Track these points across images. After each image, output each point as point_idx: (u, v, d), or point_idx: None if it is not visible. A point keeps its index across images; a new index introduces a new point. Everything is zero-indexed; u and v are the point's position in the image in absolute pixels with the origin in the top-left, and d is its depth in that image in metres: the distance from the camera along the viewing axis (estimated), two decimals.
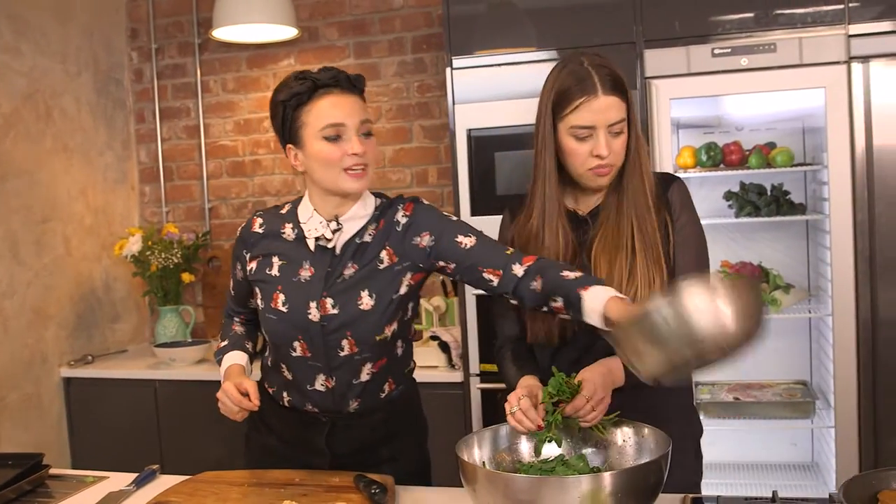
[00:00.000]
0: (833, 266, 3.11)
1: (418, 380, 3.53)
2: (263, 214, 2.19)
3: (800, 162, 3.49)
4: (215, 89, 4.55)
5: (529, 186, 2.08)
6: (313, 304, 2.05)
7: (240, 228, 2.22)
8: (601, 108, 1.91)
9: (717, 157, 3.36)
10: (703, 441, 2.19)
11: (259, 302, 2.14)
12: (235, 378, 2.07)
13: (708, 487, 3.41)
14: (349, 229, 2.06)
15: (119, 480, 2.31)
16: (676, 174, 2.26)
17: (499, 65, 3.34)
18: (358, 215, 2.07)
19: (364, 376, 2.11)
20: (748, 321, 1.50)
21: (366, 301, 2.03)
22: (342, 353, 2.07)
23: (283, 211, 2.17)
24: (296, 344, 2.08)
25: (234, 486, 2.09)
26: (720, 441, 3.66)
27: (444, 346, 3.59)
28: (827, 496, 1.77)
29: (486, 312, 3.39)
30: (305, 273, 2.07)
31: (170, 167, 4.68)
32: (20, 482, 2.24)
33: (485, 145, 3.37)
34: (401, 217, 2.08)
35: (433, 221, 2.07)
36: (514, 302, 1.99)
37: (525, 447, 1.89)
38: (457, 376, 3.53)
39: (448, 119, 3.42)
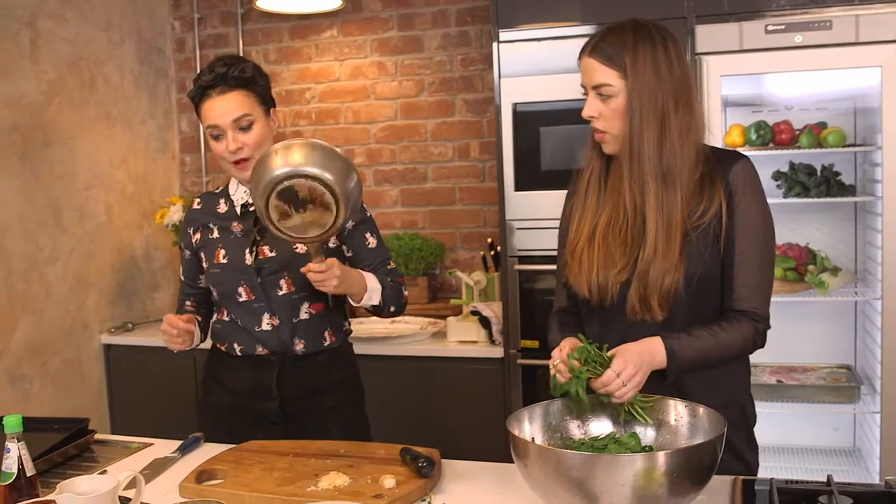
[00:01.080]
0: (884, 249, 3.05)
1: (456, 354, 3.59)
2: (201, 196, 2.54)
3: (851, 143, 3.42)
4: (257, 60, 4.54)
5: None
6: (247, 251, 2.35)
7: (185, 217, 2.53)
8: (584, 69, 1.94)
9: (766, 136, 3.30)
10: None
11: (204, 265, 2.43)
12: None
13: None
14: None
15: (163, 447, 2.32)
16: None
17: (546, 39, 3.30)
18: None
19: (303, 314, 2.38)
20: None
21: (299, 246, 2.28)
22: (280, 293, 2.35)
23: (217, 190, 2.51)
24: (240, 289, 2.36)
25: (280, 455, 2.09)
26: (759, 423, 3.60)
27: (485, 322, 3.58)
28: (877, 481, 1.74)
29: (529, 288, 3.37)
30: (237, 229, 2.39)
31: None
32: (66, 446, 2.26)
33: (530, 120, 3.33)
34: None
35: (361, 212, 2.42)
36: None
37: (575, 424, 1.86)
38: (497, 352, 3.51)
39: (494, 93, 3.38)
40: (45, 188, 3.84)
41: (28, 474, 1.81)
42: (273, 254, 2.34)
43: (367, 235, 2.45)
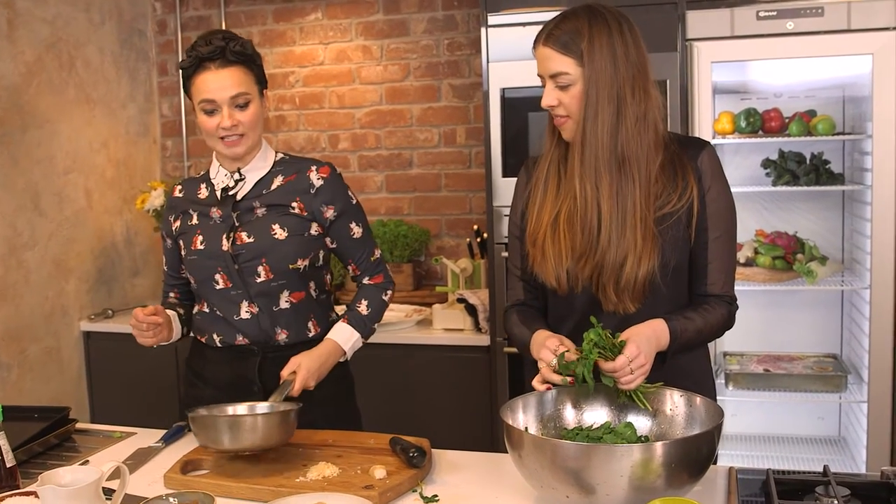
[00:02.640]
0: (873, 238, 3.04)
1: (442, 342, 3.55)
2: (183, 182, 2.43)
3: (840, 131, 3.41)
4: None
5: None
6: (224, 237, 2.25)
7: (166, 204, 2.43)
8: (539, 59, 1.91)
9: (756, 123, 3.28)
10: (727, 412, 2.12)
11: (182, 252, 2.34)
12: None
13: (731, 459, 3.40)
14: (251, 179, 2.29)
15: (147, 437, 2.28)
16: (708, 140, 2.16)
17: (534, 23, 3.23)
18: (257, 167, 2.30)
19: (283, 303, 2.28)
20: None
21: (279, 233, 2.24)
22: (258, 280, 2.25)
23: (199, 175, 2.41)
24: (217, 277, 2.27)
25: None
26: (744, 412, 3.62)
27: (471, 309, 3.54)
28: (863, 471, 1.72)
29: None
30: (216, 214, 2.29)
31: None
32: (47, 436, 2.21)
33: (518, 105, 3.30)
34: (316, 179, 2.30)
35: (341, 198, 2.33)
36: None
37: (570, 413, 1.84)
38: (483, 340, 3.49)
39: (481, 78, 3.34)
40: (23, 172, 3.77)
41: (8, 465, 1.77)
42: (251, 240, 2.24)
43: (352, 225, 2.34)
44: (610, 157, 1.86)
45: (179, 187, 2.41)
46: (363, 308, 2.37)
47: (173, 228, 2.36)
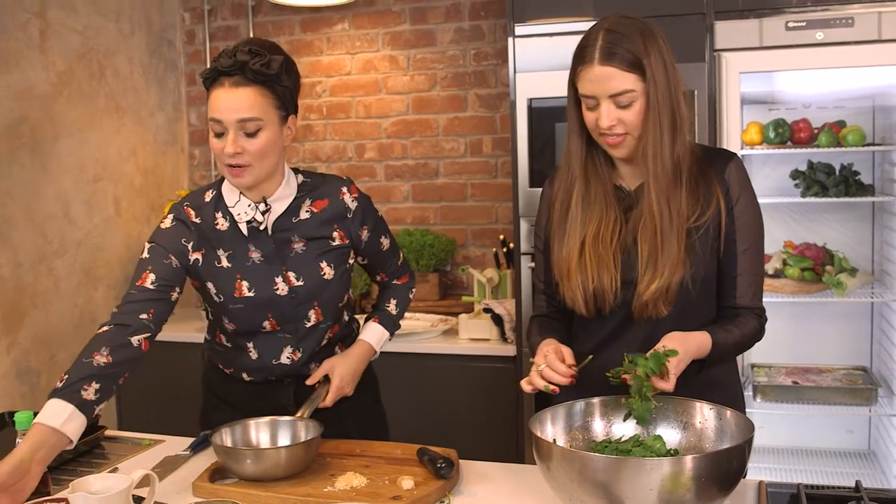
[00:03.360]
0: None
1: (468, 352, 3.55)
2: (191, 205, 2.12)
3: (870, 142, 3.38)
4: None
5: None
6: (279, 279, 2.09)
7: (171, 218, 2.11)
8: (598, 79, 1.81)
9: (785, 134, 3.26)
10: (755, 424, 2.10)
11: (216, 297, 2.12)
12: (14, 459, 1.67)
13: (758, 472, 3.37)
14: (277, 209, 2.10)
15: (175, 444, 2.29)
16: (735, 151, 2.15)
17: (561, 34, 3.25)
18: (283, 195, 2.10)
19: (324, 341, 2.21)
20: None
21: (327, 272, 2.13)
22: (308, 324, 2.15)
23: (207, 199, 2.13)
24: (265, 323, 2.13)
25: None
26: (772, 425, 3.58)
27: (497, 319, 3.54)
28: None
29: None
30: (256, 255, 2.09)
31: None
32: (77, 442, 2.22)
33: (545, 116, 3.29)
34: (350, 202, 2.17)
35: (371, 216, 2.23)
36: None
37: (599, 426, 1.83)
38: (509, 350, 3.48)
39: (508, 88, 3.34)
40: (53, 181, 3.81)
41: None
42: (300, 283, 2.10)
43: (382, 239, 2.28)
44: (668, 166, 1.86)
45: (193, 212, 2.11)
46: (392, 308, 2.36)
47: (189, 259, 2.09)
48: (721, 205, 1.89)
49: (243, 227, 2.09)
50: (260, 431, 2.07)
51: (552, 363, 1.80)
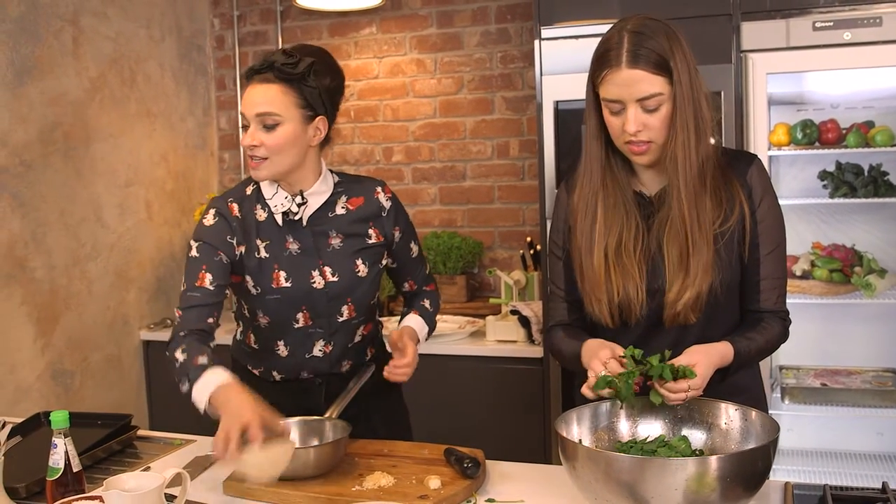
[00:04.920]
0: None
1: (496, 354, 3.55)
2: (234, 199, 2.17)
3: None
4: None
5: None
6: (315, 273, 2.15)
7: (213, 213, 2.15)
8: (625, 82, 1.78)
9: (812, 134, 3.25)
10: (782, 426, 2.10)
11: (253, 290, 2.15)
12: (256, 411, 1.82)
13: (786, 474, 3.36)
14: (314, 203, 2.16)
15: (205, 444, 2.32)
16: (763, 152, 2.12)
17: (587, 36, 3.26)
18: (320, 191, 2.16)
19: (357, 338, 2.27)
20: None
21: (361, 269, 2.19)
22: (341, 319, 2.20)
23: (248, 192, 2.19)
24: (299, 315, 2.17)
25: None
26: (800, 427, 3.57)
27: (524, 321, 3.55)
28: None
29: None
30: (294, 246, 2.15)
31: None
32: (110, 442, 2.27)
33: (572, 118, 3.30)
34: (385, 202, 2.24)
35: (403, 218, 2.30)
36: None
37: (624, 426, 1.84)
38: (536, 351, 3.49)
39: (535, 90, 3.35)
40: (86, 185, 3.87)
41: (74, 470, 1.82)
42: (335, 278, 2.16)
43: (412, 245, 2.33)
44: (695, 170, 1.83)
45: (236, 206, 2.16)
46: (428, 305, 2.39)
47: (236, 253, 2.13)
48: (745, 209, 1.88)
49: (279, 218, 2.14)
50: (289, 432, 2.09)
51: (615, 370, 1.77)
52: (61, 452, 1.80)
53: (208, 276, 2.07)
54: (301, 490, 1.87)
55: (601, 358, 1.80)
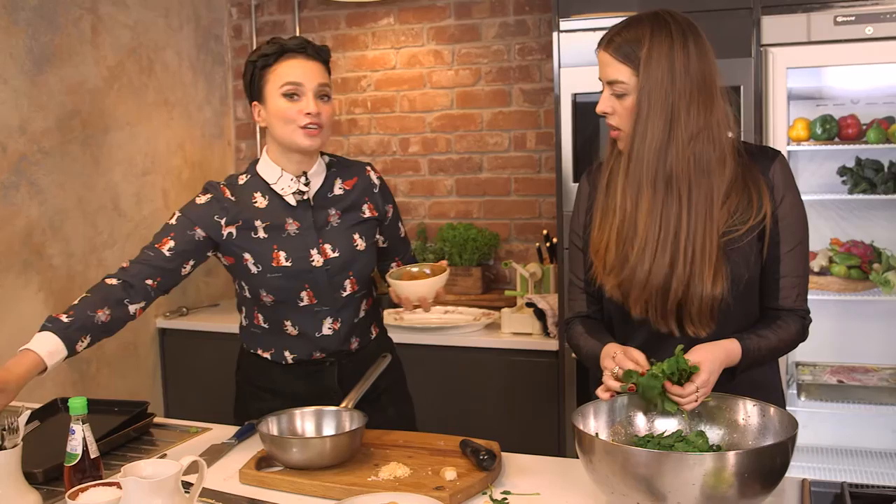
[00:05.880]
0: None
1: (511, 346, 3.55)
2: (227, 185, 2.24)
3: None
4: None
5: None
6: (314, 251, 2.22)
7: (205, 193, 2.23)
8: (600, 63, 1.88)
9: (832, 130, 3.23)
10: (799, 423, 2.09)
11: (253, 268, 2.21)
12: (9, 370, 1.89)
13: (802, 471, 3.35)
14: (315, 183, 2.25)
15: (221, 433, 2.33)
16: (782, 147, 2.10)
17: (606, 28, 3.23)
18: (319, 171, 2.27)
19: (361, 313, 2.33)
20: None
21: (360, 243, 2.27)
22: (345, 294, 2.27)
23: (242, 181, 2.25)
24: (303, 294, 2.23)
25: None
26: (816, 424, 3.55)
27: (540, 314, 3.54)
28: None
29: None
30: (292, 227, 2.22)
31: None
32: (127, 429, 2.28)
33: (590, 110, 3.26)
34: (375, 179, 2.36)
35: (391, 198, 2.42)
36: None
37: (641, 420, 1.83)
38: (552, 344, 3.48)
39: (553, 83, 3.34)
40: (104, 173, 3.88)
41: (92, 456, 1.82)
42: (336, 254, 2.24)
43: (400, 225, 2.45)
44: (655, 174, 1.81)
45: (229, 191, 2.22)
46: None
47: (222, 233, 2.19)
48: (767, 206, 1.87)
49: (290, 199, 2.22)
50: (305, 421, 2.11)
51: (622, 362, 1.78)
52: (79, 438, 1.81)
53: (170, 243, 2.17)
54: (317, 480, 1.88)
55: (609, 354, 1.82)
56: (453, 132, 4.34)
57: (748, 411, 1.78)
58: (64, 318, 2.01)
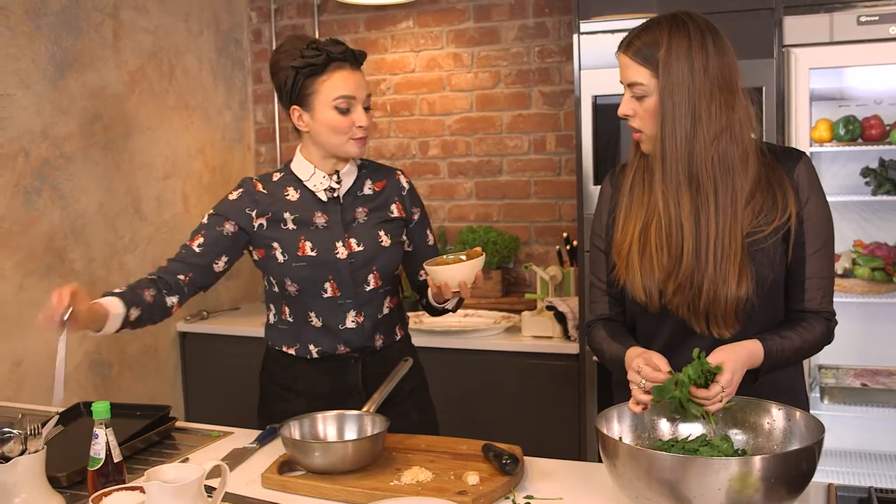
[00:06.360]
0: None
1: (530, 349, 3.55)
2: (260, 180, 2.35)
3: None
4: None
5: None
6: (339, 244, 2.27)
7: (238, 188, 2.33)
8: (620, 66, 1.88)
9: (855, 131, 3.20)
10: None
11: (281, 257, 2.27)
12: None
13: (826, 475, 3.32)
14: (346, 182, 2.32)
15: (242, 437, 2.33)
16: (804, 148, 2.08)
17: (626, 30, 3.21)
18: (350, 171, 2.34)
19: (385, 310, 2.36)
20: None
21: (385, 240, 2.32)
22: (368, 288, 2.30)
23: (275, 178, 2.35)
24: (326, 285, 2.27)
25: None
26: (839, 427, 3.52)
27: (560, 317, 3.53)
28: None
29: None
30: (320, 220, 2.29)
31: (285, 128, 4.71)
32: (149, 433, 2.28)
33: (610, 113, 3.27)
34: (404, 183, 2.42)
35: (420, 204, 2.45)
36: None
37: (665, 425, 1.82)
38: (572, 348, 3.47)
39: (573, 85, 3.33)
40: (125, 177, 3.90)
41: (115, 460, 1.83)
42: (360, 248, 2.28)
43: (428, 233, 2.46)
44: (689, 173, 1.81)
45: (260, 185, 2.32)
46: None
47: (254, 224, 2.27)
48: (791, 207, 1.85)
49: (322, 195, 2.29)
50: (327, 425, 2.10)
51: (648, 375, 1.76)
52: (102, 443, 1.81)
53: (200, 239, 2.26)
54: (338, 484, 1.87)
55: (634, 368, 1.79)
56: (473, 135, 4.34)
57: (773, 416, 1.76)
58: (116, 290, 2.11)
